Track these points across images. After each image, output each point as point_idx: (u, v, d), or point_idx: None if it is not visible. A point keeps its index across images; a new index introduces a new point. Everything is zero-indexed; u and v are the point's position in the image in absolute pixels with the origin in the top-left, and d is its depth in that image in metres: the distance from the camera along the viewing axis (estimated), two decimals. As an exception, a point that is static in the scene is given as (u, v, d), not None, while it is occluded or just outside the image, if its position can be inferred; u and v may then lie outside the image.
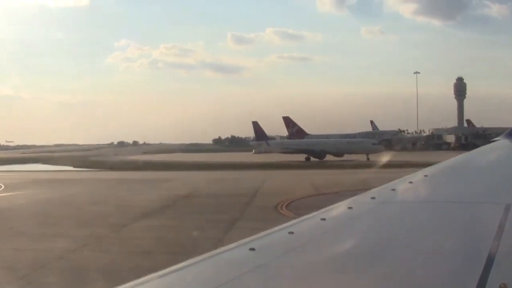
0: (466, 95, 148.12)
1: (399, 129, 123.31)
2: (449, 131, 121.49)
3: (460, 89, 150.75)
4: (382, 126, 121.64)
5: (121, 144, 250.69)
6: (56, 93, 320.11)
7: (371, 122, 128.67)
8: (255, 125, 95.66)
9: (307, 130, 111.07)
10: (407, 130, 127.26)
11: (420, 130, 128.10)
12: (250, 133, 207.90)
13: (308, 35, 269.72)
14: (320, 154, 76.46)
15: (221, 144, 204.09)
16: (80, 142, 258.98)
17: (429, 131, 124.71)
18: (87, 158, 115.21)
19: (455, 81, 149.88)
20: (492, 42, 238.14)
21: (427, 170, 4.85)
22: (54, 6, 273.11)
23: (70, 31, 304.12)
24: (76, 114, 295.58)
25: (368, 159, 67.63)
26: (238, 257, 2.54)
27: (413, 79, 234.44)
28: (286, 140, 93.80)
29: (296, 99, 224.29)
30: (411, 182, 4.33)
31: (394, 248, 2.62)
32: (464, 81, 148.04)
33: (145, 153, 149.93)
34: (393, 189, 4.01)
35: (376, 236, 2.94)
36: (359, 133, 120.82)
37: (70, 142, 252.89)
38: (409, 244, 2.68)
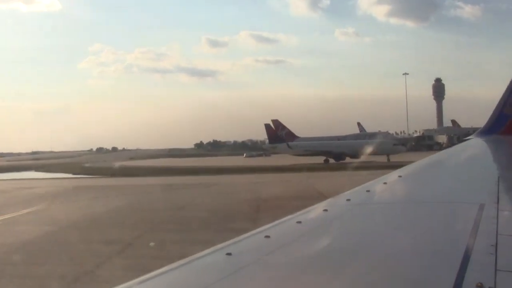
0: (445, 96, 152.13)
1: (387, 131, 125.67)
2: (439, 131, 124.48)
3: (438, 90, 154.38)
4: (367, 128, 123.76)
5: (100, 150, 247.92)
6: (29, 99, 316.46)
7: (358, 123, 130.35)
8: (268, 127, 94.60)
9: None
10: (395, 131, 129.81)
11: (413, 131, 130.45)
12: (230, 137, 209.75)
13: (283, 38, 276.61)
14: (340, 156, 75.93)
15: (203, 149, 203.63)
16: (56, 149, 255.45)
17: (418, 131, 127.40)
18: (79, 164, 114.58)
19: (433, 82, 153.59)
20: (466, 43, 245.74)
21: (401, 171, 4.99)
22: (26, 11, 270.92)
23: (43, 37, 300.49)
24: (50, 120, 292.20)
25: (388, 160, 66.85)
26: (215, 262, 2.54)
27: (388, 80, 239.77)
28: (305, 142, 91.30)
29: (273, 102, 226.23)
30: (385, 183, 4.43)
31: (369, 249, 2.64)
32: (443, 82, 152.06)
33: (131, 159, 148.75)
34: (368, 191, 4.05)
35: (351, 238, 2.96)
36: (349, 135, 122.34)
37: (46, 149, 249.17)
38: (385, 245, 2.69)
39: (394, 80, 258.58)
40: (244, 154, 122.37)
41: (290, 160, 76.18)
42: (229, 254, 2.51)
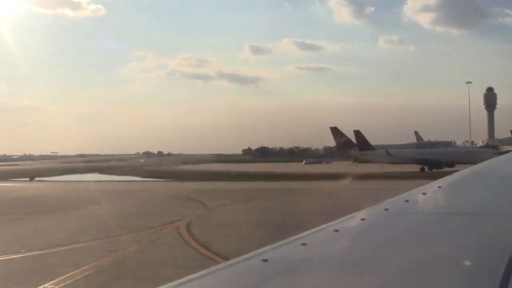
0: (496, 106, 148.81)
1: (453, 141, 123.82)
2: (504, 141, 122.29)
3: (490, 99, 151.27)
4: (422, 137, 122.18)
5: (147, 154, 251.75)
6: (72, 103, 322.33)
7: (415, 132, 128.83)
8: (357, 134, 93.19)
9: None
10: (454, 141, 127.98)
11: (472, 141, 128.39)
12: (272, 143, 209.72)
13: (326, 45, 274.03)
14: (439, 164, 73.39)
15: (251, 155, 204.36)
16: (100, 152, 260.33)
17: (482, 142, 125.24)
18: (140, 168, 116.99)
19: (484, 91, 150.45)
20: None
21: (441, 181, 4.84)
22: (73, 16, 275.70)
23: (88, 42, 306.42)
24: (93, 124, 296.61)
25: None
26: (251, 268, 2.52)
27: (432, 89, 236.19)
28: (403, 150, 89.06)
29: (315, 109, 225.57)
30: (424, 193, 4.33)
31: (408, 261, 2.59)
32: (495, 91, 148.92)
33: (185, 163, 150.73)
34: (407, 201, 3.97)
35: (389, 248, 2.91)
36: (409, 144, 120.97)
37: (90, 152, 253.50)
38: (424, 257, 2.63)
39: (439, 89, 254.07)
40: (304, 161, 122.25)
41: (373, 168, 75.65)
42: (265, 260, 2.51)
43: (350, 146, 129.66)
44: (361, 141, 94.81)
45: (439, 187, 4.59)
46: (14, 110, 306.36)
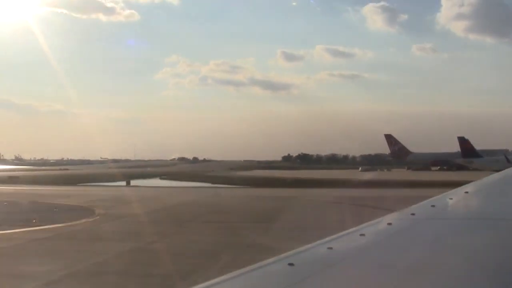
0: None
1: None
2: None
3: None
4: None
5: (184, 160, 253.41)
6: (106, 108, 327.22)
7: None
8: (462, 140, 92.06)
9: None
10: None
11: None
12: (311, 150, 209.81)
13: (358, 53, 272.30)
14: None
15: (291, 161, 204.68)
16: (132, 158, 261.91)
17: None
18: (201, 173, 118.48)
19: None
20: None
21: (468, 187, 4.81)
22: (106, 21, 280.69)
23: (121, 47, 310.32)
24: (125, 129, 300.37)
25: None
26: (277, 272, 2.52)
27: (466, 97, 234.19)
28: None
29: (348, 116, 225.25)
30: (451, 199, 4.29)
31: (434, 266, 2.57)
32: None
33: (232, 169, 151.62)
34: (433, 206, 3.95)
35: (416, 254, 2.89)
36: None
37: (123, 157, 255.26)
38: (450, 263, 2.63)
39: (472, 97, 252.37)
40: (360, 168, 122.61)
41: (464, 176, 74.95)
42: (291, 264, 2.52)
43: (405, 153, 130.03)
44: (467, 149, 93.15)
45: (466, 192, 4.52)
46: (46, 114, 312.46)
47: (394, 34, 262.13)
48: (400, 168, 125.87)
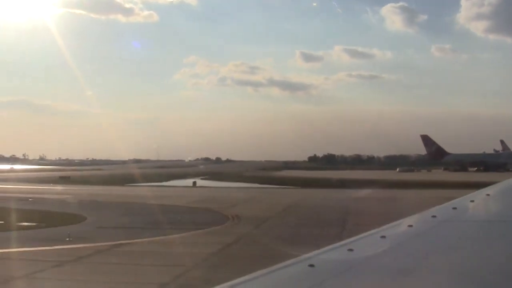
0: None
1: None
2: None
3: None
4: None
5: (206, 160, 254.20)
6: (125, 109, 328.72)
7: (501, 141, 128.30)
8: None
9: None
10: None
11: None
12: (331, 150, 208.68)
13: (377, 53, 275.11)
14: None
15: (317, 162, 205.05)
16: (151, 158, 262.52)
17: None
18: (239, 174, 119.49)
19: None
20: None
21: (490, 189, 4.78)
22: (125, 22, 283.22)
23: (140, 47, 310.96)
24: (145, 130, 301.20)
25: None
26: (297, 273, 2.54)
27: (486, 98, 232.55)
28: None
29: (366, 117, 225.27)
30: (472, 201, 4.25)
31: (455, 269, 2.60)
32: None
33: (264, 169, 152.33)
34: (455, 208, 3.92)
35: (436, 256, 2.88)
36: (505, 153, 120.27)
37: (143, 158, 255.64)
38: (471, 265, 2.63)
39: (492, 99, 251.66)
40: (397, 169, 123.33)
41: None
42: (311, 265, 2.53)
43: (442, 154, 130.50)
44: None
45: (488, 194, 4.51)
46: (64, 114, 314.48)
47: (413, 34, 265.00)
48: (434, 169, 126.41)
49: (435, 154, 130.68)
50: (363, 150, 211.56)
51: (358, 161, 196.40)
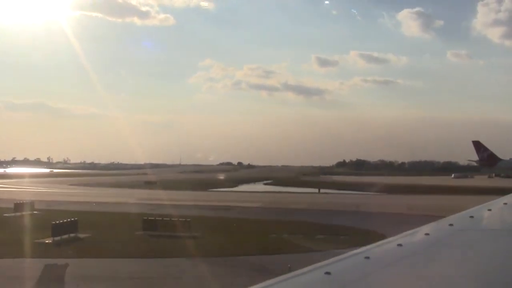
0: None
1: None
2: None
3: None
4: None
5: (229, 165, 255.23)
6: (141, 112, 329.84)
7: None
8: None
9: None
10: None
11: None
12: (351, 156, 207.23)
13: (393, 58, 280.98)
14: None
15: (346, 167, 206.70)
16: (167, 162, 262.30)
17: None
18: (298, 178, 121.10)
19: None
20: None
21: (507, 198, 4.85)
22: (141, 24, 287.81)
23: (156, 50, 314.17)
24: (160, 133, 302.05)
25: None
26: (313, 281, 2.56)
27: (502, 104, 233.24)
28: None
29: (381, 122, 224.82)
30: (490, 210, 4.28)
31: (471, 279, 2.59)
32: None
33: (305, 175, 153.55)
34: (472, 216, 3.91)
35: (453, 265, 2.89)
36: None
37: (159, 162, 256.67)
38: (488, 275, 2.63)
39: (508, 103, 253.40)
40: (453, 175, 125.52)
41: None
42: (328, 273, 2.55)
43: (494, 160, 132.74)
44: None
45: (505, 203, 4.48)
46: (80, 117, 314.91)
47: (429, 40, 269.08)
48: (481, 175, 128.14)
49: (487, 160, 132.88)
50: (382, 155, 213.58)
51: (386, 167, 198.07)
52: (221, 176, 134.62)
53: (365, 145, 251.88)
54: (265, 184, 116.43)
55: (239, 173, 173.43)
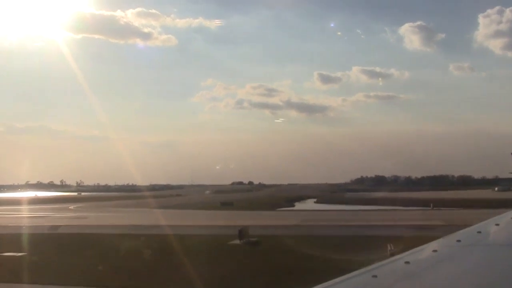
0: None
1: None
2: None
3: None
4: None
5: (240, 184, 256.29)
6: (141, 132, 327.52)
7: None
8: None
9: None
10: None
11: None
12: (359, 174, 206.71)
13: (395, 73, 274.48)
14: None
15: (365, 184, 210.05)
16: (172, 182, 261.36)
17: None
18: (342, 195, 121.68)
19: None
20: None
21: None
22: (143, 46, 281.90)
23: (159, 71, 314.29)
24: (163, 153, 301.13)
25: None
26: (362, 283, 2.76)
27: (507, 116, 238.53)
28: None
29: (386, 138, 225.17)
30: (497, 225, 4.36)
31: None
32: None
33: (333, 192, 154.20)
34: (479, 232, 3.95)
35: (462, 282, 2.87)
36: None
37: (161, 182, 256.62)
38: None
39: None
40: (496, 188, 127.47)
41: None
42: (375, 276, 2.74)
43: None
44: None
45: None
46: (84, 139, 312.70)
47: (432, 53, 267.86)
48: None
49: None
50: (393, 170, 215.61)
51: (405, 182, 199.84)
52: (249, 195, 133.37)
53: (372, 161, 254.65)
54: (316, 202, 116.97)
55: (262, 192, 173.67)
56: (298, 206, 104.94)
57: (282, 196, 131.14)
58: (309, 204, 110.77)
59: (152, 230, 45.58)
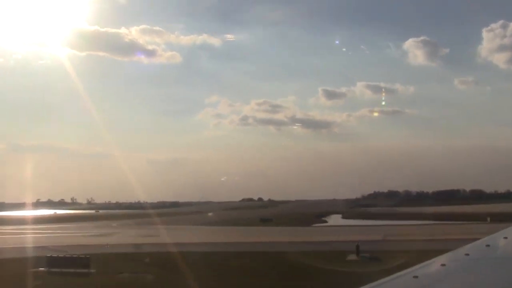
0: None
1: None
2: None
3: None
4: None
5: (250, 201, 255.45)
6: (146, 150, 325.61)
7: None
8: None
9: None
10: None
11: None
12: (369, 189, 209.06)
13: (400, 88, 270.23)
14: None
15: (377, 199, 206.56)
16: (178, 199, 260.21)
17: None
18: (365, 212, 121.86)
19: None
20: None
21: None
22: (147, 63, 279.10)
23: (163, 88, 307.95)
24: (168, 171, 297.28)
25: None
26: (404, 283, 2.84)
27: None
28: None
29: (391, 154, 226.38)
30: (506, 238, 4.33)
31: None
32: None
33: (352, 208, 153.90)
34: (488, 245, 3.96)
35: None
36: None
37: (168, 199, 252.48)
38: None
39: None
40: None
41: None
42: (415, 277, 2.84)
43: None
44: None
45: None
46: (88, 157, 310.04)
47: (436, 68, 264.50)
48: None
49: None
50: (403, 185, 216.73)
51: (418, 197, 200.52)
52: (267, 212, 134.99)
53: (381, 176, 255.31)
54: (343, 218, 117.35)
55: (279, 209, 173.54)
56: (331, 221, 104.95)
57: (306, 213, 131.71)
58: (340, 220, 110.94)
59: (245, 247, 45.53)
